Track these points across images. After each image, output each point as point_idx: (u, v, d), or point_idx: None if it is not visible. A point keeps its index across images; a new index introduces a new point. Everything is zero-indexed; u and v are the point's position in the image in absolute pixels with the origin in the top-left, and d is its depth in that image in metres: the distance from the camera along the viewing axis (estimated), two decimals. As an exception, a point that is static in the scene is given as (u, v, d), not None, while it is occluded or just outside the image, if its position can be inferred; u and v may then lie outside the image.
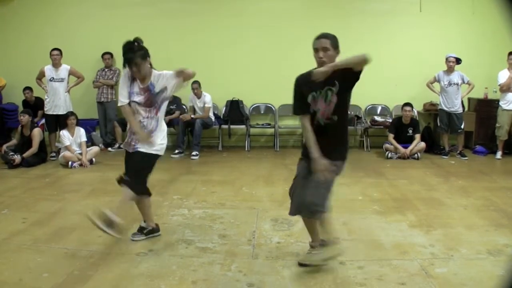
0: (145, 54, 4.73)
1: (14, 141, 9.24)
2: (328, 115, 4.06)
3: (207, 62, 10.35)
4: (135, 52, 4.66)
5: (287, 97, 10.32)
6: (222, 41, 10.79)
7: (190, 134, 10.54)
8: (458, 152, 9.78)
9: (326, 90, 4.03)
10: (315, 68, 4.05)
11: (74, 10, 11.27)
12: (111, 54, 10.97)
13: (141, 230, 5.03)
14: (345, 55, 9.26)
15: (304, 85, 4.14)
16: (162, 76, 4.81)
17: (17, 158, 8.67)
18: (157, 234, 5.06)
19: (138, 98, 4.73)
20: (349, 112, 4.39)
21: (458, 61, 9.58)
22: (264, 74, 10.61)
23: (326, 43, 3.98)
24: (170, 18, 11.06)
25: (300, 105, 4.19)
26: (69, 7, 11.32)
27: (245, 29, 10.82)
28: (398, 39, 10.79)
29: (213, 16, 10.93)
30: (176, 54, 10.73)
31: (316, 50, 4.01)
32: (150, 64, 4.83)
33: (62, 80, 9.55)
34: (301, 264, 4.24)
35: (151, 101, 4.75)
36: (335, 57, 4.02)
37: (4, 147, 9.14)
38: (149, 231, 5.03)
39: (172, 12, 11.11)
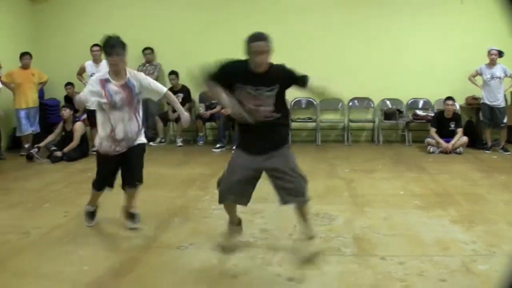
0: (124, 47, 4.88)
1: (53, 136, 9.42)
2: (267, 113, 4.13)
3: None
4: (117, 42, 4.84)
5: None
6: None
7: (232, 128, 10.61)
8: (500, 146, 9.65)
9: (263, 91, 4.10)
10: (248, 62, 4.11)
11: (115, 6, 11.44)
12: (151, 49, 11.13)
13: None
14: (385, 48, 9.14)
15: (237, 76, 4.14)
16: (138, 79, 4.94)
17: (58, 153, 8.87)
18: None
19: (119, 97, 4.78)
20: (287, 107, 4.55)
21: (500, 54, 9.43)
22: (304, 68, 10.60)
23: (265, 46, 4.02)
24: (210, 11, 11.12)
25: (220, 80, 4.23)
26: (109, 3, 11.51)
27: (284, 26, 10.82)
28: (439, 32, 10.67)
29: (252, 8, 10.99)
30: (215, 46, 10.81)
31: (255, 53, 4.00)
32: (125, 66, 4.94)
33: (103, 76, 9.67)
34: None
35: (131, 99, 4.85)
36: (271, 53, 4.09)
37: (46, 141, 9.35)
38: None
39: (213, 5, 11.17)
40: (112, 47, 4.77)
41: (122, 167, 5.07)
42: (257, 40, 3.99)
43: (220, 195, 4.38)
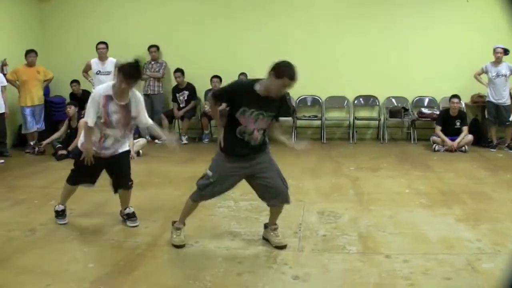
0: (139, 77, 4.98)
1: (58, 134, 9.46)
2: (258, 138, 4.29)
3: (253, 54, 10.42)
4: (139, 73, 4.84)
5: (334, 89, 10.45)
6: (267, 35, 10.80)
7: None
8: (506, 145, 9.63)
9: (259, 113, 4.20)
10: (257, 84, 4.20)
11: (121, 4, 11.50)
12: (157, 47, 11.14)
13: (64, 213, 5.36)
14: (390, 46, 9.11)
15: (243, 98, 4.20)
16: (137, 102, 4.93)
17: (63, 151, 8.91)
18: None
19: (116, 117, 4.79)
20: None
21: (506, 52, 9.40)
22: (310, 66, 10.59)
23: (294, 84, 4.11)
24: (216, 10, 11.15)
25: (225, 100, 4.37)
26: (115, 1, 11.56)
27: (289, 22, 10.83)
28: (445, 30, 10.62)
29: (257, 6, 10.97)
30: (220, 46, 10.85)
31: (284, 85, 4.08)
32: None
33: (108, 73, 9.67)
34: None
35: (128, 121, 4.89)
36: None
37: (51, 139, 9.40)
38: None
39: (218, 5, 11.19)
40: (133, 78, 4.73)
41: (113, 173, 5.17)
42: (293, 79, 4.04)
43: (201, 198, 4.58)
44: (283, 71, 4.00)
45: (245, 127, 4.20)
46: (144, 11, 11.35)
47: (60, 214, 5.34)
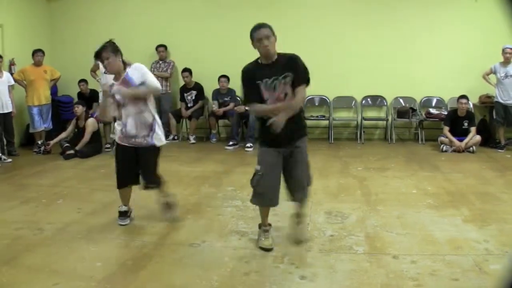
0: (114, 49, 4.92)
1: (66, 133, 9.51)
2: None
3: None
4: (102, 48, 4.90)
5: (342, 89, 10.45)
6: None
7: (244, 126, 10.64)
8: (514, 146, 9.60)
9: (274, 79, 4.23)
10: (258, 59, 4.34)
11: (128, 3, 11.56)
12: (165, 47, 11.18)
13: (125, 214, 5.31)
14: (398, 46, 9.03)
15: (255, 74, 4.28)
16: (138, 70, 4.96)
17: (70, 151, 8.95)
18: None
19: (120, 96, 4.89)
20: None
21: (515, 52, 9.39)
22: (318, 66, 10.55)
23: (268, 32, 4.19)
24: (224, 10, 11.16)
25: (254, 94, 4.31)
26: (123, 0, 11.58)
27: (297, 22, 10.83)
28: (453, 30, 10.61)
29: (265, 8, 10.93)
30: (228, 46, 10.86)
31: (259, 40, 4.17)
32: (123, 61, 4.98)
33: (117, 72, 9.72)
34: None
35: None
36: (275, 42, 4.27)
37: (58, 138, 9.44)
38: (130, 213, 5.37)
39: (226, 5, 11.20)
40: (98, 54, 4.91)
41: (139, 167, 5.17)
42: (260, 28, 4.20)
43: (259, 197, 4.52)
44: (251, 33, 4.24)
45: (270, 101, 4.25)
46: (152, 10, 11.39)
47: (120, 214, 5.34)
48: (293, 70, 4.24)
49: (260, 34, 4.16)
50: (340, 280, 3.90)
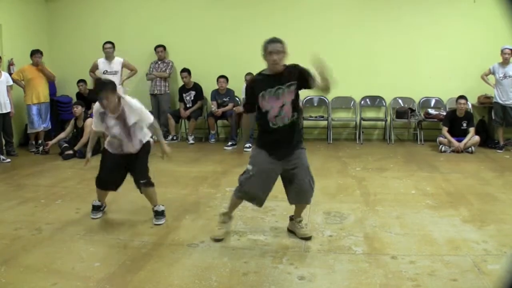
0: (113, 88, 5.00)
1: (65, 134, 9.50)
2: (288, 115, 4.44)
3: (260, 54, 10.38)
4: (104, 85, 4.99)
5: (341, 90, 10.49)
6: (274, 35, 10.75)
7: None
8: (513, 146, 9.60)
9: (278, 89, 4.40)
10: (264, 70, 4.53)
11: (127, 3, 11.57)
12: (164, 47, 11.17)
13: (98, 208, 5.54)
14: (397, 47, 8.97)
15: (260, 86, 4.46)
16: (134, 111, 5.10)
17: (69, 151, 8.95)
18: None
19: (117, 131, 5.07)
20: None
21: (514, 52, 9.39)
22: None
23: (280, 47, 4.38)
24: (223, 10, 11.16)
25: (252, 106, 4.55)
26: (122, 1, 11.61)
27: (295, 23, 10.83)
28: (452, 30, 10.60)
29: (264, 7, 11.00)
30: (227, 46, 10.86)
31: (270, 53, 4.36)
32: (118, 97, 5.06)
33: (115, 73, 9.74)
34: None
35: (128, 130, 5.09)
36: (284, 58, 4.45)
37: (57, 138, 9.44)
38: (104, 208, 5.64)
39: (225, 5, 11.19)
40: (100, 92, 4.95)
41: (129, 170, 5.31)
42: (274, 42, 4.39)
43: (244, 195, 4.68)
44: (265, 43, 4.43)
45: (272, 110, 4.40)
46: (151, 11, 11.38)
47: (94, 208, 5.56)
48: (298, 76, 4.38)
49: (272, 47, 4.35)
50: (339, 280, 3.90)
